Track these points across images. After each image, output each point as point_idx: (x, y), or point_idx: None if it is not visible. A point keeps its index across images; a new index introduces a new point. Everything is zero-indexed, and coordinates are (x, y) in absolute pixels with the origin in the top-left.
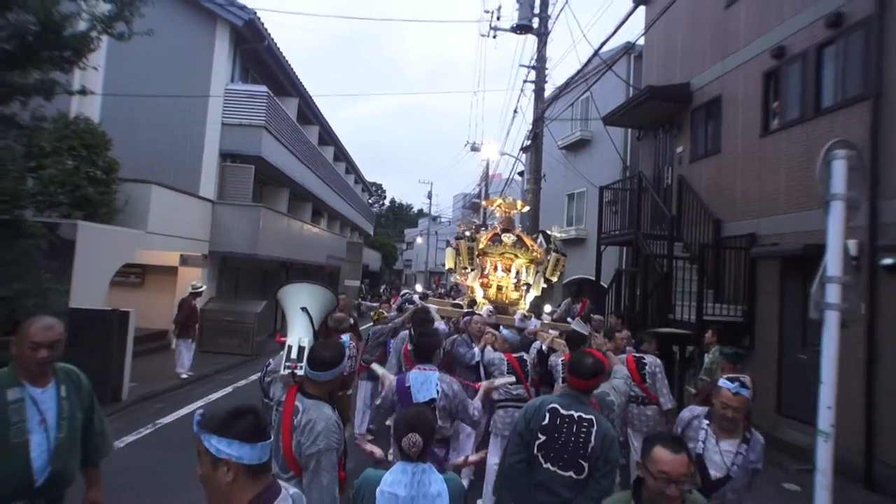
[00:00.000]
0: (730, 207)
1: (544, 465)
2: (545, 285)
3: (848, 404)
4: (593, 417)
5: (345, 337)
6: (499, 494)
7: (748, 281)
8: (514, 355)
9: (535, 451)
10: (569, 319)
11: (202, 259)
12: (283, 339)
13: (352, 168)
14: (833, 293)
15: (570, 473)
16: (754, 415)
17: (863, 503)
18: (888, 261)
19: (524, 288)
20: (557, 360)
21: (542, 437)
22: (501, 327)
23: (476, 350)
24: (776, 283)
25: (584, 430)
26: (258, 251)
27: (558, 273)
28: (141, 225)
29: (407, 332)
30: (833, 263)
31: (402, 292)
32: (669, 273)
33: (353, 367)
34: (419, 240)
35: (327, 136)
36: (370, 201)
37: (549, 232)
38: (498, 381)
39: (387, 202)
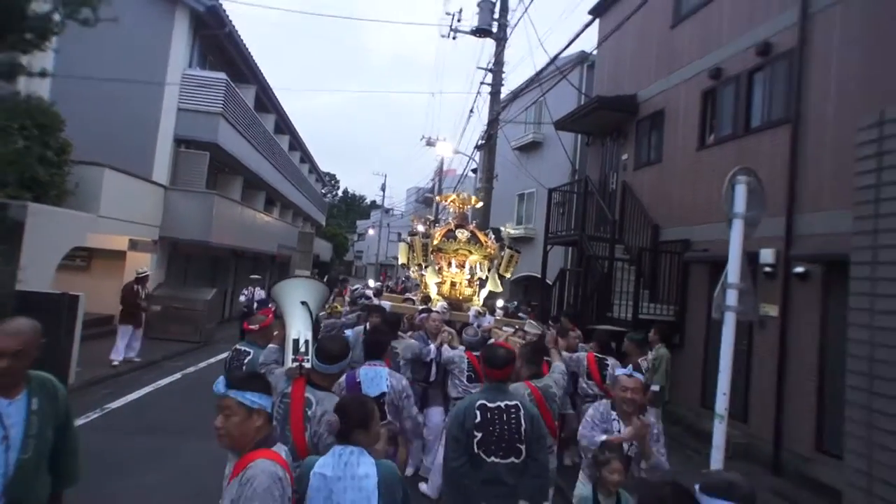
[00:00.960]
0: (668, 214)
1: (488, 460)
2: (499, 280)
3: (761, 397)
4: (517, 402)
5: None
6: (448, 499)
7: (681, 283)
8: (475, 353)
9: (476, 449)
10: (521, 315)
11: (152, 244)
12: (251, 326)
13: (307, 158)
14: (732, 297)
15: (512, 459)
16: (682, 407)
17: (768, 486)
18: (799, 269)
19: (478, 284)
20: None
21: (479, 434)
22: (464, 331)
23: (432, 347)
24: (705, 287)
25: (513, 416)
26: (210, 238)
27: (512, 269)
28: (92, 208)
29: (362, 327)
30: (733, 272)
31: (353, 287)
32: (610, 274)
33: None
34: (371, 231)
35: (284, 125)
36: (323, 191)
37: (502, 230)
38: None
39: (340, 192)
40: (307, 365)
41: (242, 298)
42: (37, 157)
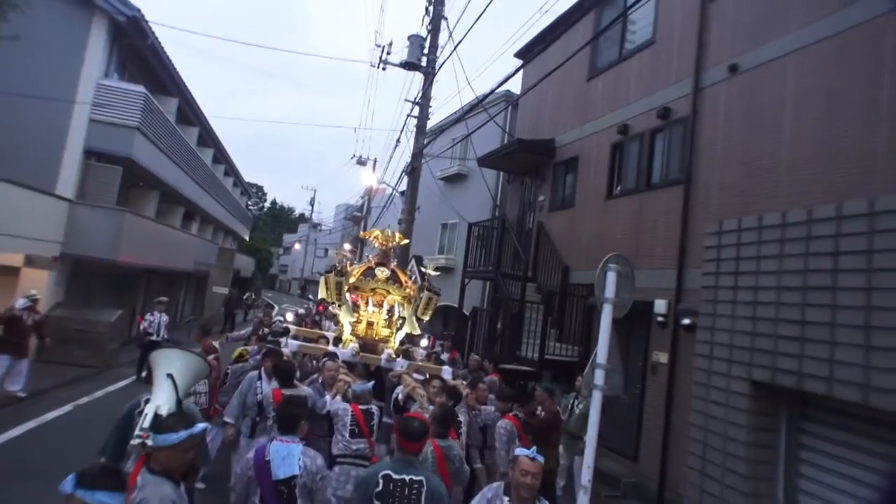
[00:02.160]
0: (577, 257)
1: None
2: (417, 322)
3: (650, 438)
4: (423, 478)
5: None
6: None
7: (586, 326)
8: (362, 407)
9: None
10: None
11: (51, 261)
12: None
13: (231, 171)
14: (599, 377)
15: None
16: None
17: None
18: (686, 321)
19: (398, 324)
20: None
21: (377, 503)
22: (353, 381)
23: (328, 398)
24: (614, 335)
25: (415, 492)
26: (119, 256)
27: (430, 312)
28: None
29: (257, 372)
30: (602, 353)
31: (274, 319)
32: (521, 313)
33: (204, 403)
34: (297, 246)
35: (208, 137)
36: (249, 203)
37: (424, 269)
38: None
39: (267, 204)
40: (150, 443)
41: (146, 325)
42: None
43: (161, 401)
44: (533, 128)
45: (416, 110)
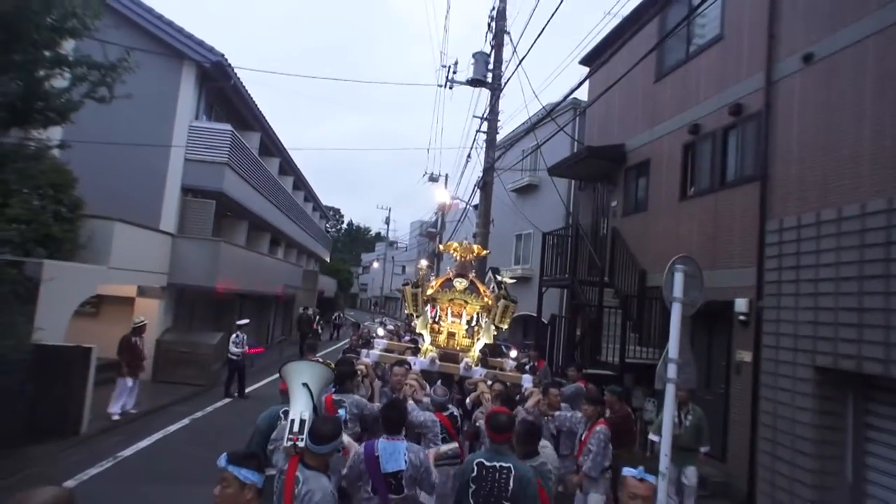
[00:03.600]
0: (654, 260)
1: None
2: (496, 332)
3: (737, 438)
4: (511, 465)
5: None
6: None
7: (665, 328)
8: (445, 413)
9: (470, 499)
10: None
11: (160, 291)
12: (284, 385)
13: (310, 196)
14: (672, 371)
15: None
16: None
17: None
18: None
19: (480, 334)
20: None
21: (473, 487)
22: (433, 390)
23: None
24: (686, 333)
25: (503, 476)
26: (215, 283)
27: (508, 320)
28: (103, 260)
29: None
30: (673, 348)
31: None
32: (599, 318)
33: None
34: (375, 265)
35: (287, 167)
36: (328, 226)
37: (500, 277)
38: (443, 448)
39: (344, 225)
40: (301, 444)
41: (237, 349)
42: (51, 214)
43: (301, 407)
44: (602, 134)
45: (485, 125)
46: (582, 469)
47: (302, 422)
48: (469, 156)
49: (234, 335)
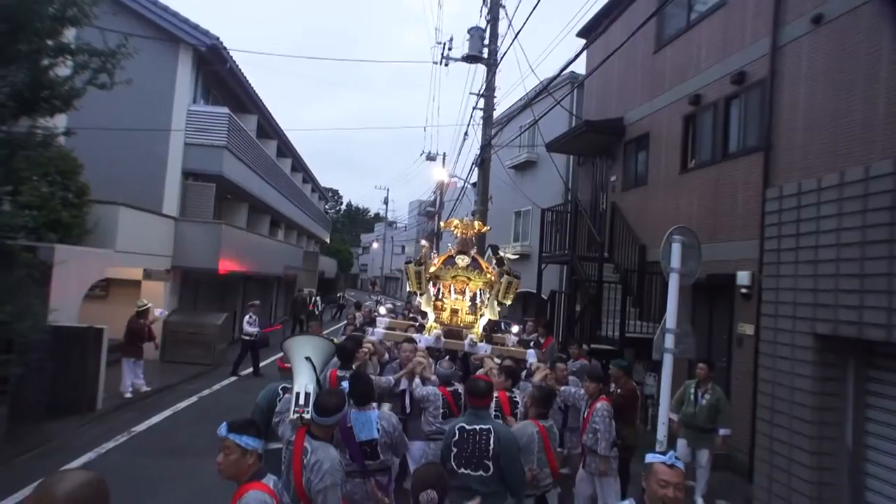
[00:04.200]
0: (653, 235)
1: (459, 471)
2: (499, 308)
3: (738, 411)
4: (490, 426)
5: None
6: None
7: (665, 302)
8: (448, 388)
9: (451, 461)
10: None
11: (165, 273)
12: (285, 364)
13: (308, 177)
14: (669, 340)
15: (480, 472)
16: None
17: (742, 494)
18: None
19: (483, 311)
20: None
21: (455, 450)
22: (439, 363)
23: (391, 378)
24: (688, 306)
25: (484, 438)
26: (218, 265)
27: (511, 296)
28: (110, 244)
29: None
30: (671, 318)
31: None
32: (599, 293)
33: None
34: (375, 245)
35: (285, 149)
36: (327, 207)
37: (501, 254)
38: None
39: (343, 206)
40: (307, 416)
41: (252, 328)
42: (59, 200)
43: (305, 380)
44: (600, 108)
45: (482, 102)
46: (598, 451)
47: (307, 395)
48: (466, 133)
49: (247, 316)
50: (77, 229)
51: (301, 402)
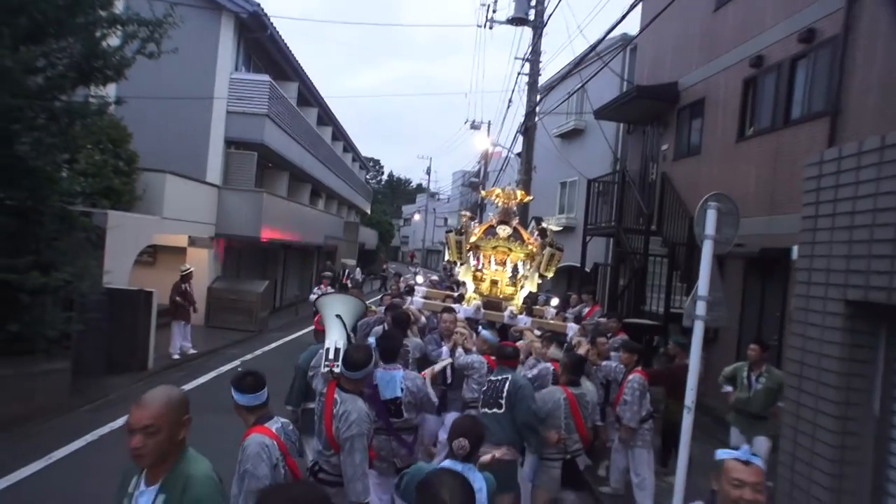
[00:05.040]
0: None
1: (480, 411)
2: (540, 280)
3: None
4: (508, 376)
5: None
6: None
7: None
8: (494, 357)
9: (480, 405)
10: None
11: (209, 241)
12: (320, 327)
13: (349, 146)
14: (701, 308)
15: (495, 410)
16: (714, 399)
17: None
18: None
19: (523, 283)
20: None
21: (482, 397)
22: (481, 327)
23: (444, 349)
24: (739, 282)
25: (500, 384)
26: (260, 234)
27: (553, 269)
28: (157, 211)
29: (382, 326)
30: (703, 285)
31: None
32: (644, 267)
33: None
34: (417, 216)
35: (326, 117)
36: (368, 177)
37: (544, 225)
38: (437, 367)
39: (385, 177)
40: (336, 370)
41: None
42: (111, 168)
43: (336, 336)
44: (653, 72)
45: (527, 67)
46: (622, 421)
47: (337, 350)
48: (510, 100)
49: (316, 287)
50: (127, 196)
51: (331, 356)
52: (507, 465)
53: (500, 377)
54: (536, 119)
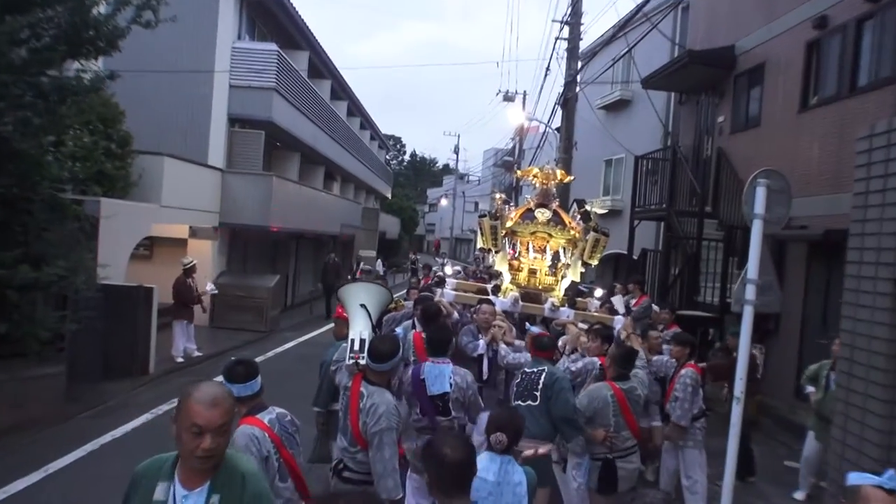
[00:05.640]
0: None
1: (513, 403)
2: (583, 269)
3: None
4: (545, 368)
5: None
6: None
7: (776, 264)
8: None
9: (514, 397)
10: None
11: (212, 231)
12: (345, 316)
13: (367, 123)
14: (750, 292)
15: (529, 402)
16: (775, 398)
17: None
18: None
19: (564, 272)
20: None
21: (516, 389)
22: (528, 325)
23: (481, 342)
24: (802, 268)
25: (536, 376)
26: (270, 222)
27: (598, 255)
28: (154, 198)
29: (411, 321)
30: (752, 268)
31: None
32: (697, 253)
33: None
34: (444, 201)
35: (340, 90)
36: (388, 157)
37: (588, 208)
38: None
39: (407, 157)
40: (362, 362)
41: None
42: (102, 150)
43: (360, 327)
44: (708, 34)
45: (566, 31)
46: (672, 419)
47: (362, 341)
48: (548, 68)
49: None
50: (121, 182)
51: (356, 347)
52: (542, 459)
53: (535, 369)
54: (577, 89)
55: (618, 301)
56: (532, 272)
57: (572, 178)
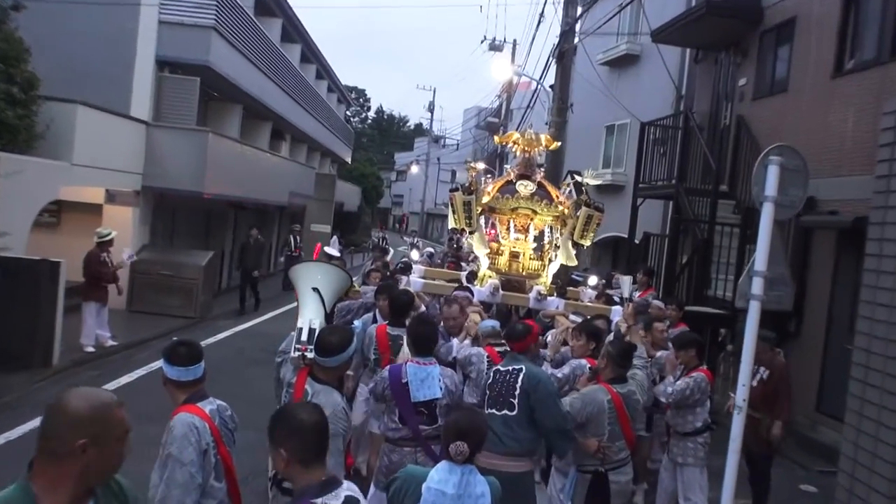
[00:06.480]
0: None
1: (486, 411)
2: (575, 251)
3: None
4: (522, 366)
5: None
6: None
7: (800, 255)
8: (499, 350)
9: (486, 405)
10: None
11: (133, 196)
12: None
13: (324, 72)
14: (757, 286)
15: (505, 411)
16: (794, 411)
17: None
18: None
19: (552, 254)
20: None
21: (488, 392)
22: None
23: (453, 343)
24: (830, 260)
25: (513, 377)
26: (204, 188)
27: (591, 235)
28: (65, 155)
29: (371, 313)
30: (761, 258)
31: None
32: (710, 240)
33: None
34: (415, 168)
35: (293, 31)
36: (349, 113)
37: (579, 178)
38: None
39: (371, 113)
40: (309, 355)
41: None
42: (3, 95)
43: (311, 315)
44: None
45: None
46: (674, 428)
47: (311, 331)
48: (542, 14)
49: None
50: (24, 134)
51: (304, 338)
52: (521, 476)
53: (510, 367)
54: (576, 41)
55: (625, 283)
56: (514, 256)
57: (558, 143)
